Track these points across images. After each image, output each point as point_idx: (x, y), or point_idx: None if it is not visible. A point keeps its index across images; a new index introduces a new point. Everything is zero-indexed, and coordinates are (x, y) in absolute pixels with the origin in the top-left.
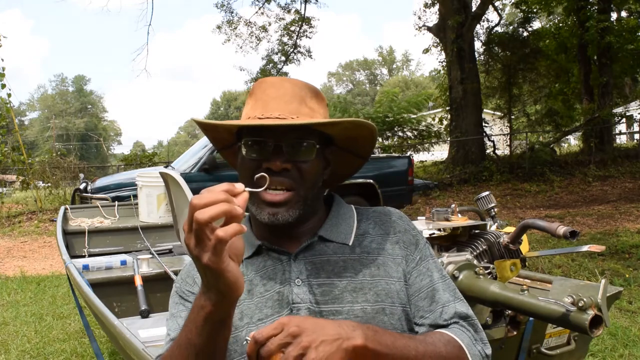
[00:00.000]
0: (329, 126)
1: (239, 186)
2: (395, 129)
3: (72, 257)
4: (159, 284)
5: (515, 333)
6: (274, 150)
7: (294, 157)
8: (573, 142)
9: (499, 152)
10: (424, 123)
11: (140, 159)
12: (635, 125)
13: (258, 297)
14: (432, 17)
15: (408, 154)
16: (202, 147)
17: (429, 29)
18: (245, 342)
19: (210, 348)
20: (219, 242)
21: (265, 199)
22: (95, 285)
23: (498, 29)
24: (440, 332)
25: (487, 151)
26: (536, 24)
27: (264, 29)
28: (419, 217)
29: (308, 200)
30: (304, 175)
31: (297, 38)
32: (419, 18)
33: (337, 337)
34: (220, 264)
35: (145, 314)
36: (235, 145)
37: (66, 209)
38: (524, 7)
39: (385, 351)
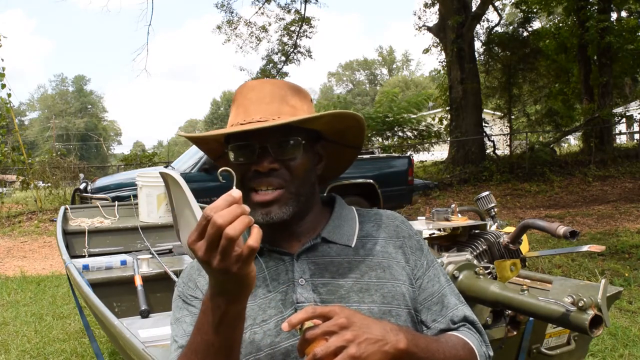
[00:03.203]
0: (312, 121)
1: (235, 193)
2: (395, 129)
3: (72, 257)
4: (159, 284)
5: (515, 333)
6: (259, 152)
7: (280, 156)
8: (573, 142)
9: (499, 152)
10: (424, 123)
11: (140, 159)
12: (635, 125)
13: (261, 299)
14: (432, 17)
15: (408, 154)
16: None
17: (429, 29)
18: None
19: (229, 343)
20: (252, 251)
21: (255, 200)
22: (95, 285)
23: (498, 29)
24: (455, 335)
25: (487, 151)
26: (536, 24)
27: (264, 29)
28: (419, 217)
29: (301, 196)
30: (293, 172)
31: (297, 38)
32: (419, 18)
33: (381, 338)
34: (247, 269)
35: (145, 314)
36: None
37: (66, 209)
38: (524, 7)
39: (421, 354)
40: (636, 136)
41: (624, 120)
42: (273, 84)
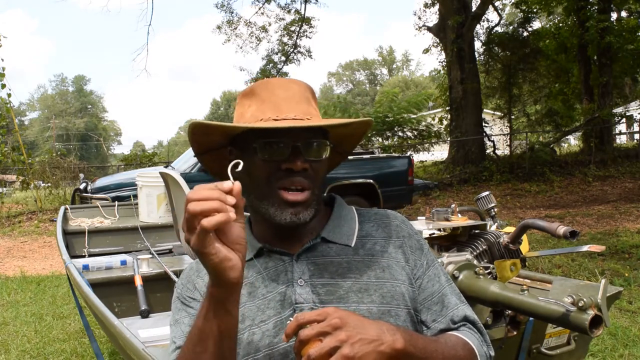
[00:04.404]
0: (341, 126)
1: (227, 184)
2: (395, 129)
3: (72, 257)
4: (159, 284)
5: (515, 333)
6: (292, 150)
7: (310, 156)
8: (573, 142)
9: (499, 152)
10: (424, 123)
11: (140, 159)
12: (635, 125)
13: (260, 299)
14: (432, 17)
15: (408, 154)
16: None
17: (429, 29)
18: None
19: (214, 332)
20: (202, 230)
21: (287, 199)
22: (95, 285)
23: (498, 29)
24: (455, 335)
25: (487, 151)
26: (536, 24)
27: (264, 29)
28: (419, 217)
29: (319, 198)
30: (317, 174)
31: (297, 38)
32: (419, 18)
33: (376, 338)
34: (203, 248)
35: (145, 314)
36: (225, 149)
37: (66, 209)
38: (524, 7)
39: (419, 355)
40: (636, 136)
41: (624, 120)
42: (298, 84)
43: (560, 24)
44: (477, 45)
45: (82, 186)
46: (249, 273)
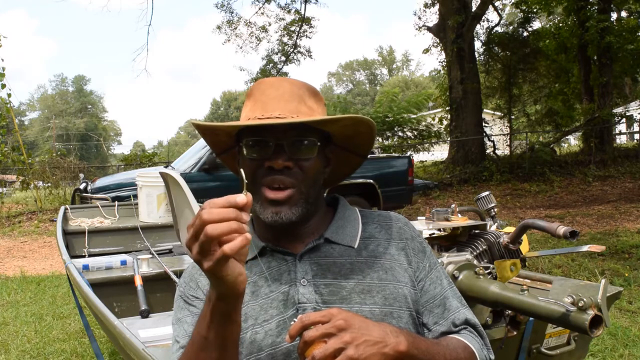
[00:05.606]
0: (328, 124)
1: (240, 198)
2: (395, 129)
3: (72, 257)
4: (159, 284)
5: (515, 333)
6: (275, 149)
7: (295, 155)
8: (573, 142)
9: (499, 152)
10: (424, 123)
11: (140, 159)
12: (635, 125)
13: (263, 299)
14: (432, 17)
15: (408, 154)
16: (202, 147)
17: (429, 29)
18: (260, 334)
19: (219, 341)
20: (224, 256)
21: (267, 196)
22: (95, 285)
23: (498, 29)
24: (456, 338)
25: (487, 151)
26: (536, 24)
27: (264, 29)
28: (419, 217)
29: (310, 198)
30: (305, 173)
31: (297, 38)
32: (419, 18)
33: (380, 340)
34: (220, 272)
35: (145, 314)
36: (234, 149)
37: (66, 209)
38: (524, 7)
39: (422, 357)
40: (636, 136)
41: (624, 120)
42: (292, 83)
43: (560, 24)
44: (477, 45)
45: (82, 186)
46: (252, 272)
